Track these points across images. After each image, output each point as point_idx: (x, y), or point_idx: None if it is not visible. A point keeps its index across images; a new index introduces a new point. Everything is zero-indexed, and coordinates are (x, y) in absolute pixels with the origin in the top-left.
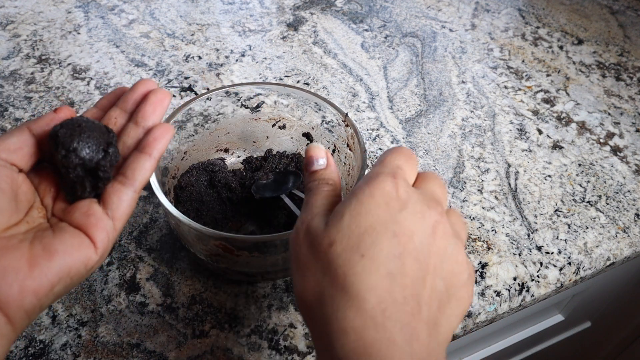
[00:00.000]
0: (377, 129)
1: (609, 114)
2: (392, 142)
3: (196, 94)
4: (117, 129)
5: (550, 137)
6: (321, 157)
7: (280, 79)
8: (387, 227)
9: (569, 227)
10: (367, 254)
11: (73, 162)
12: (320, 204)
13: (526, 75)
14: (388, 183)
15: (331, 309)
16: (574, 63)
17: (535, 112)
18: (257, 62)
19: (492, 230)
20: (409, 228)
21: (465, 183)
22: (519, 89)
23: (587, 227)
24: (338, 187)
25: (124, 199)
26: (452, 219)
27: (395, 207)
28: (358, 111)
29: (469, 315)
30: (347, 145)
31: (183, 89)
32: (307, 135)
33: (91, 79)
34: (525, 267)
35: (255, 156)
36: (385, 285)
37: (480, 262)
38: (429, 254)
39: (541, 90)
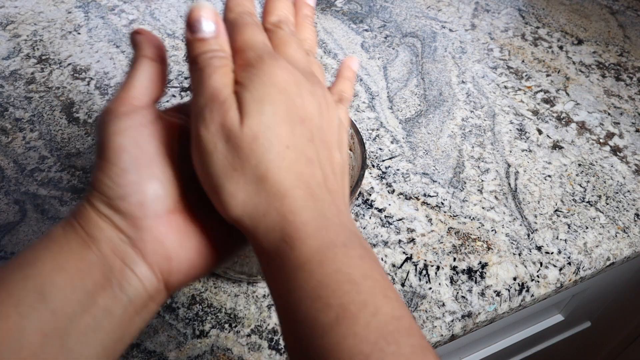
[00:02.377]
0: (377, 129)
1: (609, 114)
2: (392, 142)
3: None
4: None
5: (550, 137)
6: (210, 19)
7: None
8: (295, 113)
9: (568, 227)
10: (290, 144)
11: None
12: (224, 88)
13: (526, 76)
14: (279, 69)
15: (277, 216)
16: (573, 63)
17: (535, 112)
18: None
19: (492, 230)
20: (309, 111)
21: (465, 183)
22: (519, 89)
23: (587, 227)
24: (231, 61)
25: None
26: (324, 90)
27: (293, 92)
28: (358, 111)
29: (469, 315)
30: (347, 145)
31: (183, 89)
32: None
33: (91, 79)
34: (525, 267)
35: None
36: (309, 173)
37: (480, 262)
38: (328, 131)
39: (541, 91)
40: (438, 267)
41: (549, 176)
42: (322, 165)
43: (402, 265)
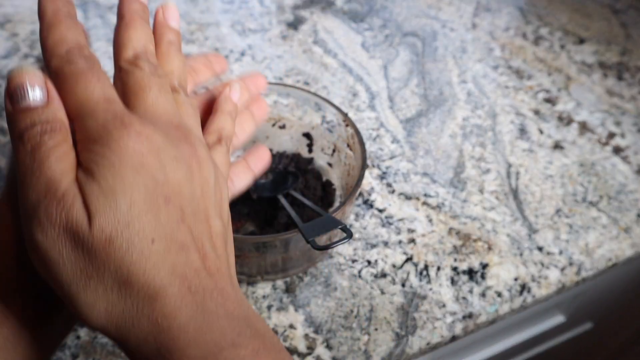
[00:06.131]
0: (377, 129)
1: (611, 113)
2: (392, 142)
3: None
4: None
5: (551, 137)
6: (38, 86)
7: (280, 79)
8: (159, 194)
9: (570, 228)
10: (156, 236)
11: None
12: (62, 178)
13: (527, 75)
14: (130, 140)
15: (149, 324)
16: (575, 62)
17: (537, 112)
18: (256, 62)
19: (493, 231)
20: (175, 183)
21: (465, 183)
22: (520, 89)
23: (588, 228)
24: (69, 132)
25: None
26: (193, 145)
27: (153, 165)
28: (358, 111)
29: (470, 315)
30: (347, 145)
31: None
32: (307, 135)
33: None
34: (527, 267)
35: None
36: (183, 262)
37: (481, 263)
38: (203, 198)
39: (542, 90)
40: (439, 268)
41: (550, 176)
42: (199, 244)
43: (402, 265)
